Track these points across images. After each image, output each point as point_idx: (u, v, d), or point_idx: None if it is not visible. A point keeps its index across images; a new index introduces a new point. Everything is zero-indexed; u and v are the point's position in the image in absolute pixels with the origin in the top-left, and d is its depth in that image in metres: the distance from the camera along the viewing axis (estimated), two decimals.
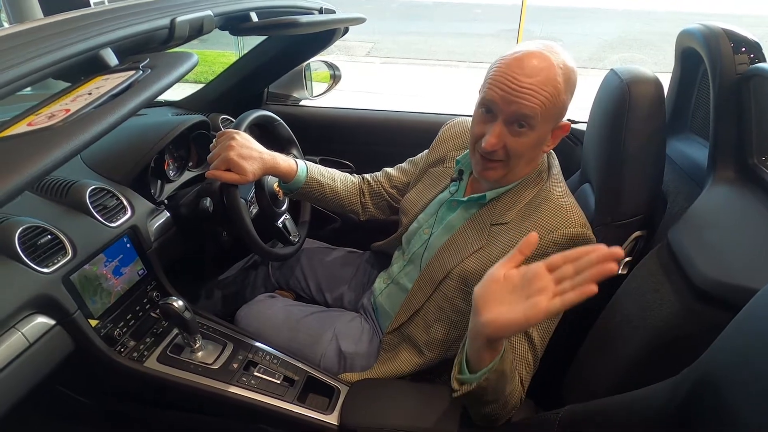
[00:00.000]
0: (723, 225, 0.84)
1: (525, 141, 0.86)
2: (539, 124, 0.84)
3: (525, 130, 0.85)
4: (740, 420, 0.47)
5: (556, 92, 0.83)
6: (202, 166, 1.39)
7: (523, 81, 0.81)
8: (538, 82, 0.81)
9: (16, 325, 0.79)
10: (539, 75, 0.81)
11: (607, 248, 0.61)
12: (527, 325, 0.64)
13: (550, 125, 0.88)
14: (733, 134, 0.94)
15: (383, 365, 1.06)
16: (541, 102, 0.82)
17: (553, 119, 0.87)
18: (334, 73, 1.82)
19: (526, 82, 0.81)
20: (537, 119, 0.83)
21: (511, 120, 0.85)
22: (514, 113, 0.83)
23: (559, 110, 0.86)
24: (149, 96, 0.47)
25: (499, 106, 0.84)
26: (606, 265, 0.59)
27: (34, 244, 0.85)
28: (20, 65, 0.44)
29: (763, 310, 0.52)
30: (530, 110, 0.82)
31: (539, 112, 0.83)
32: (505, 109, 0.84)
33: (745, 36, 0.96)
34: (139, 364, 0.96)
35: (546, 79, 0.82)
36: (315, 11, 1.17)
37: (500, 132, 0.85)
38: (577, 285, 0.61)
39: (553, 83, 0.82)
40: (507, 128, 0.86)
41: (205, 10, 0.78)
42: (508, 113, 0.84)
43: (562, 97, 0.85)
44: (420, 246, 1.08)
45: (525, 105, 0.82)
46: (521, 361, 0.86)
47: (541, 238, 0.87)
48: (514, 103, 0.82)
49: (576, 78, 0.87)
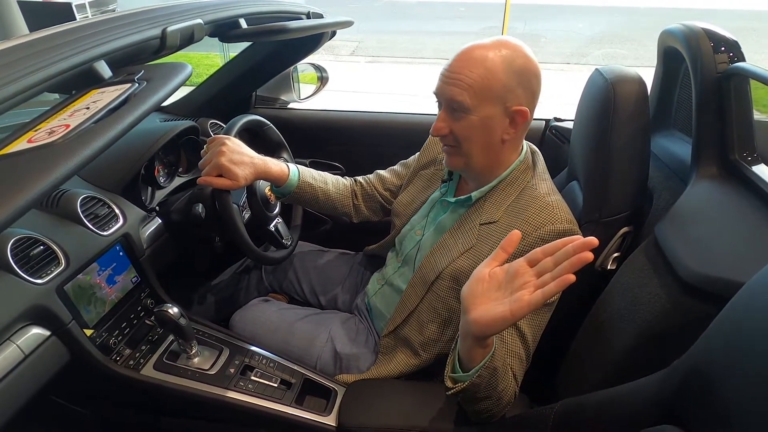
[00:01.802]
0: (707, 220, 0.87)
1: (466, 124, 0.89)
2: (475, 107, 0.87)
3: (463, 114, 0.89)
4: (731, 408, 0.49)
5: (488, 73, 0.85)
6: (192, 172, 1.39)
7: (455, 66, 0.87)
8: (466, 66, 0.86)
9: (11, 337, 0.78)
10: (469, 60, 0.86)
11: (582, 238, 0.63)
12: (513, 319, 0.66)
13: (493, 108, 0.87)
14: (715, 131, 0.96)
15: (379, 367, 1.07)
16: (469, 85, 0.85)
17: (492, 102, 0.87)
18: (322, 75, 1.82)
19: (457, 67, 0.87)
20: (468, 102, 0.86)
21: (449, 107, 0.90)
22: (449, 99, 0.89)
23: (496, 92, 0.86)
24: (147, 109, 0.47)
25: (439, 95, 0.91)
26: (582, 254, 0.62)
27: (26, 255, 0.85)
28: (17, 81, 0.44)
29: (749, 303, 0.54)
30: (459, 95, 0.87)
31: (468, 96, 0.86)
32: (442, 97, 0.90)
33: (724, 35, 0.98)
34: (136, 372, 0.96)
35: (476, 61, 0.86)
36: (303, 16, 1.17)
37: (443, 117, 0.91)
38: (557, 276, 0.63)
39: (484, 65, 0.85)
40: (450, 115, 0.90)
41: (195, 19, 0.78)
42: (445, 100, 0.90)
43: (499, 78, 0.85)
44: (412, 247, 1.09)
45: (454, 90, 0.87)
46: (514, 357, 0.87)
47: (528, 236, 0.89)
48: (446, 90, 0.88)
49: (526, 64, 0.87)
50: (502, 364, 0.79)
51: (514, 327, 0.88)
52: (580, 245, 0.62)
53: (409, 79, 6.22)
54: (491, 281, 0.70)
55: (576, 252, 0.62)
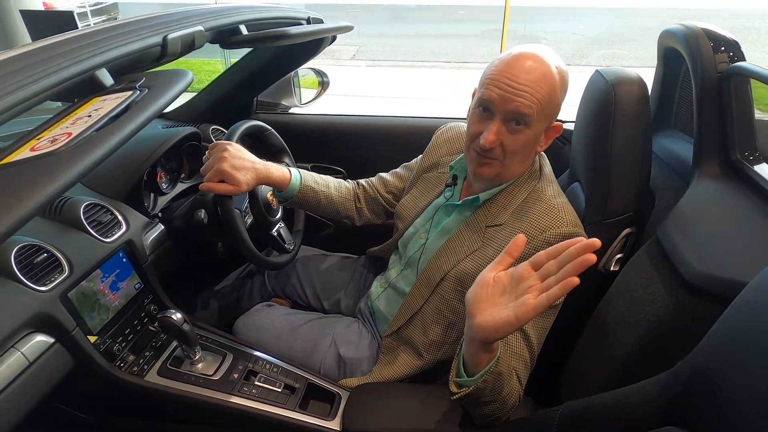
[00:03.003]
0: (710, 220, 0.87)
1: (521, 138, 0.88)
2: (535, 122, 0.87)
3: (522, 128, 0.87)
4: (735, 409, 0.49)
5: (552, 91, 0.86)
6: (194, 178, 1.39)
7: (521, 79, 0.84)
8: (535, 80, 0.84)
9: (16, 345, 0.78)
10: (536, 73, 0.84)
11: (585, 240, 0.63)
12: (519, 324, 0.66)
13: (545, 124, 0.90)
14: (716, 131, 0.96)
15: (382, 369, 1.07)
16: (538, 100, 0.84)
17: (547, 118, 0.89)
18: (322, 79, 1.82)
19: (524, 79, 0.84)
20: (533, 117, 0.85)
21: (508, 118, 0.87)
22: (512, 111, 0.85)
23: (553, 109, 0.89)
24: (149, 116, 0.48)
25: (498, 104, 0.86)
26: (585, 257, 0.62)
27: (30, 262, 0.85)
28: (20, 90, 0.45)
29: (752, 302, 0.54)
30: (527, 108, 0.84)
31: (535, 110, 0.85)
32: (503, 107, 0.86)
33: (724, 35, 0.98)
34: (140, 378, 0.96)
35: (542, 76, 0.85)
36: (303, 21, 1.18)
37: (498, 129, 0.87)
38: (560, 279, 0.63)
39: (550, 82, 0.85)
40: (505, 126, 0.88)
41: (196, 26, 0.79)
42: (505, 111, 0.86)
43: (557, 97, 0.88)
44: (416, 250, 1.09)
45: (522, 103, 0.84)
46: (518, 359, 0.87)
47: (534, 238, 0.89)
48: (512, 102, 0.85)
49: (568, 79, 0.90)
50: (506, 368, 0.78)
51: (518, 330, 0.88)
52: (582, 247, 0.62)
53: (410, 82, 6.23)
54: (496, 286, 0.70)
55: (579, 254, 0.62)
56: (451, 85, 5.95)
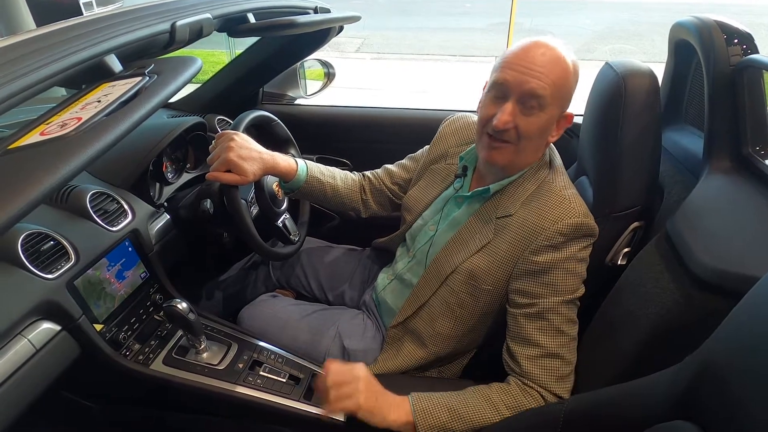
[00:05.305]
0: (720, 214, 0.86)
1: (535, 121, 0.88)
2: (549, 105, 0.87)
3: (536, 111, 0.87)
4: (744, 404, 0.49)
5: (565, 75, 0.87)
6: (200, 168, 1.39)
7: (537, 60, 0.85)
8: (549, 62, 0.85)
9: (23, 332, 0.79)
10: (551, 58, 0.86)
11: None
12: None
13: (558, 110, 0.90)
14: (727, 125, 0.95)
15: (387, 360, 1.07)
16: (552, 81, 0.85)
17: (560, 103, 0.89)
18: (329, 71, 1.82)
19: (539, 62, 0.85)
20: (548, 99, 0.86)
21: (523, 98, 0.87)
22: (527, 92, 0.86)
23: (566, 94, 0.90)
24: (159, 102, 0.47)
25: (512, 86, 0.87)
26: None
27: (37, 250, 0.85)
28: (29, 74, 0.44)
29: (763, 297, 0.53)
30: (542, 89, 0.85)
31: (549, 92, 0.85)
32: (517, 89, 0.86)
33: (737, 27, 0.97)
34: (145, 367, 0.97)
35: (556, 60, 0.86)
36: (310, 11, 1.17)
37: (512, 110, 0.87)
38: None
39: (563, 65, 0.87)
40: (519, 107, 0.88)
41: (204, 13, 0.78)
42: (520, 92, 0.86)
43: (569, 82, 0.88)
44: (425, 243, 1.09)
45: (537, 84, 0.85)
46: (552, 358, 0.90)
47: (545, 230, 0.89)
48: (527, 82, 0.85)
49: (579, 71, 0.91)
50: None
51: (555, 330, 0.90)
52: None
53: (416, 75, 6.21)
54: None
55: None
56: (457, 79, 5.92)
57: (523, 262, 0.91)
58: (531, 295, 0.91)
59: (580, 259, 0.91)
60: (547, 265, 0.89)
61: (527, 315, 0.91)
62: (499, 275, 0.94)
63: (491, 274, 0.94)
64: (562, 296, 0.89)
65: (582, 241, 0.90)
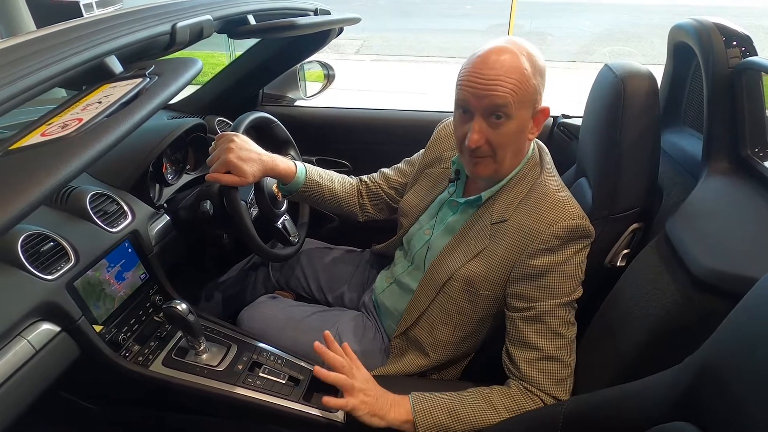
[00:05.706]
0: (719, 216, 0.86)
1: (505, 131, 0.87)
2: (515, 111, 0.85)
3: (503, 121, 0.86)
4: (744, 405, 0.49)
5: (524, 78, 0.84)
6: (199, 169, 1.39)
7: (489, 73, 0.83)
8: (502, 70, 0.83)
9: (22, 333, 0.79)
10: (503, 65, 0.83)
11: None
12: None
13: (527, 111, 0.88)
14: (726, 127, 0.96)
15: (388, 367, 1.07)
16: (511, 89, 0.83)
17: (528, 105, 0.87)
18: (328, 72, 1.82)
19: (491, 73, 0.83)
20: (511, 107, 0.84)
21: (487, 113, 0.86)
22: (488, 106, 0.85)
23: (531, 95, 0.87)
24: (159, 103, 0.47)
25: (472, 103, 0.86)
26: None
27: (36, 251, 0.85)
28: (30, 75, 0.44)
29: (763, 299, 0.53)
30: (502, 99, 0.83)
31: (511, 100, 0.84)
32: (478, 104, 0.86)
33: (736, 30, 0.97)
34: (145, 368, 0.97)
35: (510, 66, 0.83)
36: (311, 12, 1.17)
37: (480, 127, 0.87)
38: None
39: (519, 69, 0.84)
40: (486, 122, 0.87)
41: (204, 15, 0.78)
42: (482, 108, 0.86)
43: (531, 82, 0.86)
44: (421, 246, 1.09)
45: (496, 95, 0.83)
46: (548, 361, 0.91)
47: (542, 233, 0.88)
48: (485, 97, 0.84)
49: (543, 63, 0.88)
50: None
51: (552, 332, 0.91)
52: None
53: (416, 77, 6.21)
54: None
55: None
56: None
57: (520, 266, 0.91)
58: (528, 298, 0.91)
59: (577, 261, 0.91)
60: (543, 268, 0.89)
61: (525, 318, 0.91)
62: (496, 280, 0.94)
63: (488, 279, 0.94)
64: (560, 299, 0.89)
65: (578, 243, 0.90)
